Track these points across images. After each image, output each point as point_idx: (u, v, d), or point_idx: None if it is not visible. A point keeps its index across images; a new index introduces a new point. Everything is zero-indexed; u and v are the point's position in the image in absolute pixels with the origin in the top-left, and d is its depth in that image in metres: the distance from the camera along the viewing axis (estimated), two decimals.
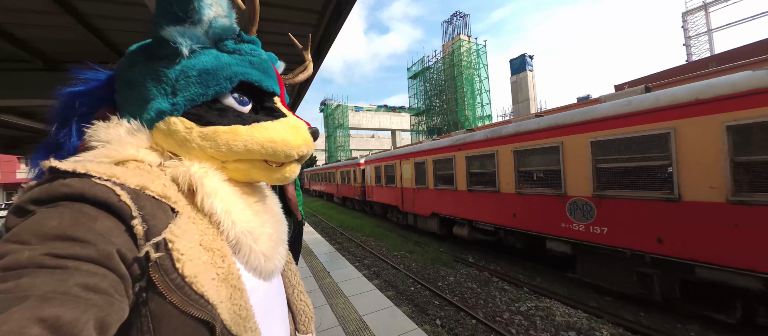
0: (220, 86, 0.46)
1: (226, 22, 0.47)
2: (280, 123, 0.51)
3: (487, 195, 6.39)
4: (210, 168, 0.47)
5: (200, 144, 0.46)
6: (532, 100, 29.48)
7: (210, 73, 0.46)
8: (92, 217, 0.32)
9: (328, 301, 3.56)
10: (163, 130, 0.45)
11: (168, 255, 0.36)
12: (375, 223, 11.72)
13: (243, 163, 0.50)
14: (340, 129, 42.49)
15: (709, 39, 23.95)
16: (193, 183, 0.44)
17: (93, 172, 0.35)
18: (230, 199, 0.47)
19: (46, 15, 2.65)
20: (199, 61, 0.46)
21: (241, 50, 0.51)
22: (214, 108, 0.47)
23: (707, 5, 23.83)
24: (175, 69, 0.45)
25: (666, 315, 4.00)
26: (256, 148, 0.48)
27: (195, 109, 0.46)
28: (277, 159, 0.51)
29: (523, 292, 4.94)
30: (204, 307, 0.37)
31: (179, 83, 0.45)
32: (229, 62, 0.48)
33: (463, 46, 26.04)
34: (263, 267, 0.49)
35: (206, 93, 0.46)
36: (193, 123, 0.46)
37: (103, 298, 0.29)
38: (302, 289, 0.71)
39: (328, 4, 3.04)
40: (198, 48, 0.46)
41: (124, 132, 0.44)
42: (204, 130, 0.46)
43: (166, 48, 0.44)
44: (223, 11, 0.46)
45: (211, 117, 0.46)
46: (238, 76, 0.48)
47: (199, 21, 0.44)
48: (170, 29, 0.43)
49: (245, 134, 0.47)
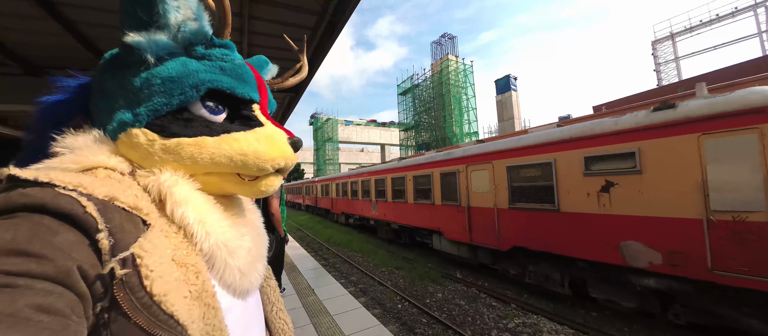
0: (185, 95, 0.43)
1: (196, 25, 0.44)
2: (253, 133, 0.47)
3: (411, 205, 8.78)
4: (182, 177, 0.44)
5: (162, 157, 0.43)
6: (517, 119, 30.51)
7: (174, 81, 0.42)
8: (52, 230, 0.30)
9: (312, 320, 3.42)
10: (124, 142, 0.43)
11: (135, 271, 0.34)
12: (364, 238, 11.55)
13: (213, 176, 0.47)
14: (329, 142, 42.41)
15: (676, 66, 25.75)
16: (162, 191, 0.41)
17: (57, 181, 0.32)
18: (203, 208, 0.44)
19: (33, 20, 2.58)
20: (165, 69, 0.43)
21: (211, 55, 0.47)
22: (180, 118, 0.44)
23: (674, 35, 25.77)
24: (140, 77, 0.42)
25: (652, 330, 4.05)
26: (223, 161, 0.44)
27: (159, 120, 0.43)
28: (249, 172, 0.47)
29: (510, 309, 4.92)
30: (173, 328, 0.35)
31: (143, 93, 0.42)
32: (197, 69, 0.44)
33: (451, 66, 26.95)
34: (238, 284, 0.46)
35: (170, 102, 0.43)
36: (156, 135, 0.43)
37: (57, 320, 0.27)
38: (281, 307, 0.68)
39: (321, 21, 3.10)
40: (166, 55, 0.43)
41: (91, 140, 0.42)
42: (167, 143, 0.43)
43: (132, 55, 0.42)
44: (191, 14, 0.43)
45: (175, 128, 0.43)
46: (205, 83, 0.44)
47: (165, 25, 0.41)
48: (134, 35, 0.40)
49: (212, 146, 0.44)
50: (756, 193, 3.02)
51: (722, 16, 23.52)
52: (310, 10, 2.97)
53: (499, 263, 6.06)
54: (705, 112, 3.36)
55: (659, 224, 3.64)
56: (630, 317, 4.39)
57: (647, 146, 3.76)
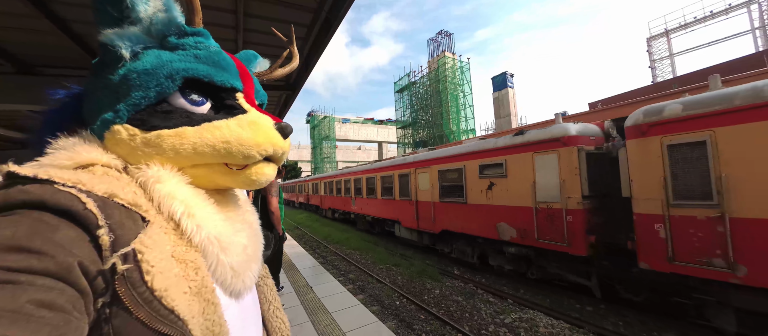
0: (161, 86, 0.42)
1: (165, 16, 0.43)
2: (235, 120, 0.46)
3: (380, 201, 10.77)
4: (169, 170, 0.43)
5: (144, 151, 0.43)
6: (514, 116, 30.60)
7: (149, 74, 0.42)
8: (52, 226, 0.30)
9: (311, 317, 3.44)
10: (108, 139, 0.43)
11: (136, 267, 0.34)
12: (361, 236, 11.57)
13: (200, 168, 0.46)
14: (326, 140, 42.29)
15: (671, 62, 25.96)
16: (148, 187, 0.41)
17: (56, 178, 0.32)
18: (192, 202, 0.43)
19: (26, 18, 2.54)
20: (141, 63, 0.43)
21: (184, 45, 0.46)
22: (159, 110, 0.43)
23: (669, 32, 25.96)
24: (117, 74, 0.42)
25: (644, 324, 4.12)
26: (206, 150, 0.44)
27: (139, 114, 0.43)
28: (235, 161, 0.46)
29: (507, 304, 4.97)
30: (174, 323, 0.35)
31: (122, 89, 0.42)
32: (170, 59, 0.44)
33: (448, 63, 26.93)
34: (230, 283, 0.45)
35: (148, 95, 0.42)
36: (137, 129, 0.42)
37: (59, 315, 0.27)
38: (279, 305, 0.68)
39: (317, 18, 3.08)
40: (141, 49, 0.43)
41: (80, 140, 0.42)
42: (147, 136, 0.42)
43: (109, 53, 0.42)
44: (161, 5, 0.43)
45: (155, 120, 0.43)
46: (180, 72, 0.43)
47: (137, 19, 0.42)
48: (108, 32, 0.40)
49: (192, 136, 0.43)
50: (556, 191, 4.80)
51: (716, 13, 23.73)
52: (306, 8, 2.96)
53: (438, 244, 7.95)
54: (536, 138, 5.16)
55: (515, 211, 5.50)
56: (623, 311, 4.46)
57: (509, 159, 5.66)
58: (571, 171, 4.59)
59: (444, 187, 7.29)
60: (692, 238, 3.42)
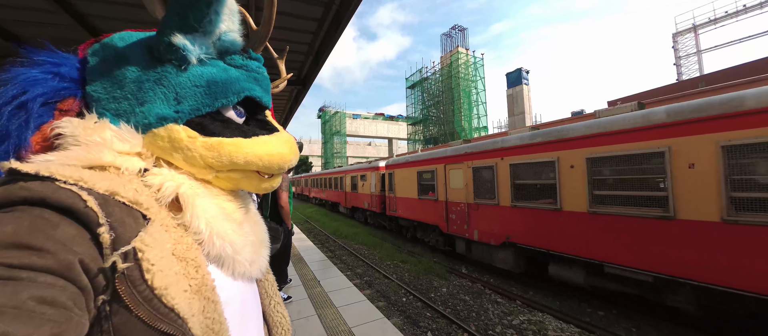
0: (227, 99, 0.48)
1: (235, 37, 0.49)
2: (276, 138, 0.53)
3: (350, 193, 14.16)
4: (198, 186, 0.47)
5: (203, 154, 0.46)
6: (528, 114, 29.90)
7: (218, 85, 0.47)
8: (53, 223, 0.30)
9: (317, 311, 3.48)
10: (161, 136, 0.44)
11: (137, 265, 0.34)
12: (369, 231, 11.63)
13: (236, 173, 0.50)
14: (337, 135, 42.53)
15: (698, 59, 24.68)
16: (183, 201, 0.43)
17: (57, 175, 0.33)
18: (216, 221, 0.46)
19: (46, 13, 2.63)
20: (207, 72, 0.47)
21: (248, 66, 0.52)
22: (217, 119, 0.48)
23: (697, 27, 24.65)
24: (180, 75, 0.45)
25: (659, 330, 3.99)
26: (255, 160, 0.49)
27: (198, 119, 0.46)
28: (271, 171, 0.52)
29: (515, 305, 4.90)
30: (174, 321, 0.35)
31: (184, 90, 0.45)
32: (238, 77, 0.50)
33: (461, 59, 26.47)
34: (249, 270, 0.51)
35: (212, 104, 0.47)
36: (197, 132, 0.46)
37: (60, 312, 0.27)
38: (279, 300, 0.69)
39: (328, 13, 3.08)
40: (205, 58, 0.47)
41: (110, 135, 0.41)
42: (209, 141, 0.46)
43: (173, 53, 0.44)
44: (234, 26, 0.48)
45: (215, 128, 0.47)
46: (245, 91, 0.50)
47: (210, 32, 0.45)
48: (180, 37, 0.42)
49: (247, 147, 0.48)
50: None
51: (750, 7, 22.34)
52: (316, 1, 2.95)
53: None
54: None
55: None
56: (637, 316, 4.33)
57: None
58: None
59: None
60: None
